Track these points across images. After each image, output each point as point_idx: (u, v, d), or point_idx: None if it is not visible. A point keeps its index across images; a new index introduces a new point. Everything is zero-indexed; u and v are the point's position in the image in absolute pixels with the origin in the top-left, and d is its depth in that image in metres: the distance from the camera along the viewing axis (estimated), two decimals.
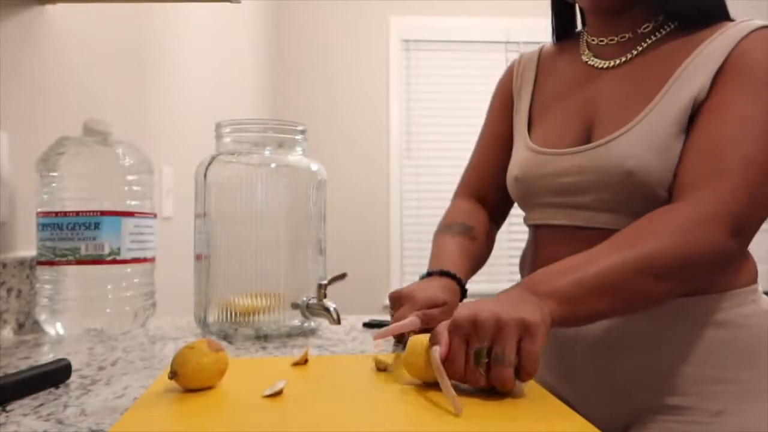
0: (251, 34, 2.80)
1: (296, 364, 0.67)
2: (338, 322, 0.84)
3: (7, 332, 0.87)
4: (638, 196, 0.76)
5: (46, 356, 0.74)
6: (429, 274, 0.85)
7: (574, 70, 0.88)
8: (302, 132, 0.91)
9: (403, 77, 3.57)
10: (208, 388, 0.57)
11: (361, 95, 3.53)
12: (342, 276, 0.87)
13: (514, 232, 3.24)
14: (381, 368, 0.64)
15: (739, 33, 0.75)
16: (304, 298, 0.86)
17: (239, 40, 2.57)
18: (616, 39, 0.84)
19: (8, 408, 0.53)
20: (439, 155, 3.53)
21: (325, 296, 0.85)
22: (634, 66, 0.82)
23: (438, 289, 0.80)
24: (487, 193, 0.99)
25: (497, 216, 1.01)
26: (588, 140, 0.82)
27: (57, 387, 0.59)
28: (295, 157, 0.89)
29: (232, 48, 2.42)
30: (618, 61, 0.83)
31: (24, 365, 0.68)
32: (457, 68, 3.57)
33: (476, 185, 1.01)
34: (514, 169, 0.90)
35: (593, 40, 0.87)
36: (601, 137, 0.79)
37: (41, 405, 0.54)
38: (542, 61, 0.96)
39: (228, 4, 1.19)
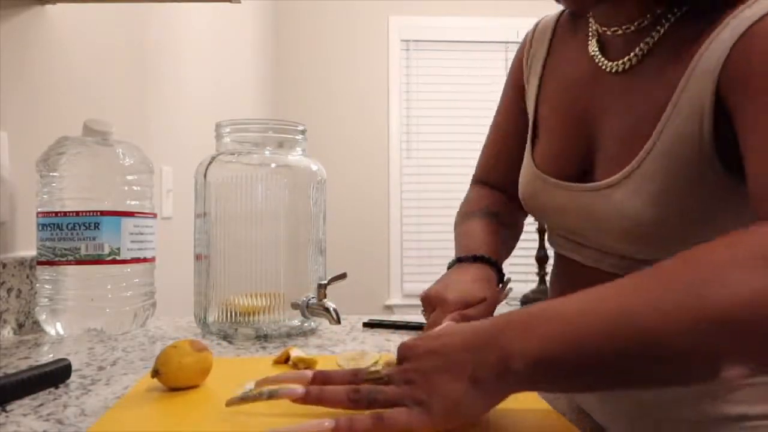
0: (251, 35, 2.80)
1: (277, 362, 0.67)
2: (338, 322, 0.84)
3: (7, 332, 0.87)
4: (642, 247, 0.66)
5: (46, 356, 0.74)
6: (459, 260, 0.78)
7: (581, 64, 0.77)
8: (302, 132, 0.91)
9: (403, 77, 3.57)
10: (192, 387, 0.57)
11: (361, 95, 3.53)
12: (342, 276, 0.87)
13: None
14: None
15: (730, 38, 0.60)
16: (304, 298, 0.86)
17: (239, 41, 2.57)
18: (620, 30, 0.70)
19: (8, 408, 0.53)
20: (438, 155, 3.53)
21: (325, 296, 0.85)
22: (639, 74, 0.69)
23: (470, 282, 0.72)
24: (506, 184, 0.90)
25: (519, 203, 0.90)
26: (589, 170, 0.73)
27: (57, 387, 0.59)
28: (295, 157, 0.89)
29: (232, 48, 2.42)
30: (623, 65, 0.70)
31: (24, 365, 0.68)
32: (457, 68, 3.57)
33: (493, 176, 0.93)
34: (521, 186, 0.82)
35: (598, 28, 0.75)
36: (601, 173, 0.70)
37: (41, 405, 0.54)
38: (557, 34, 0.83)
39: (228, 4, 1.18)
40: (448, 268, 0.80)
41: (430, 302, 0.72)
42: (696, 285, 0.42)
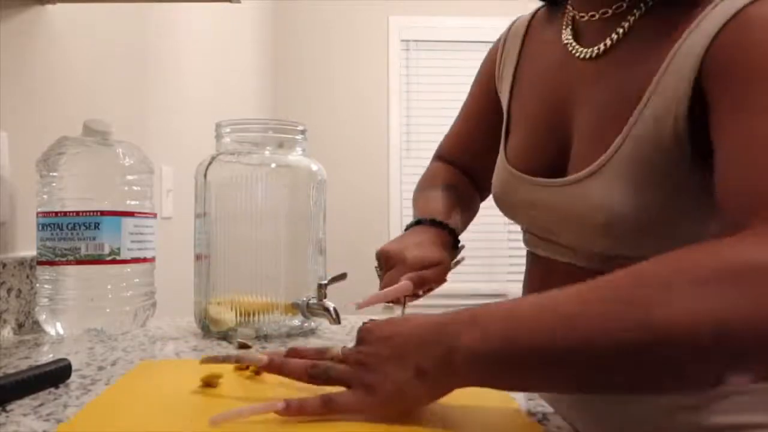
0: (251, 34, 2.80)
1: (239, 368, 0.63)
2: (338, 322, 0.84)
3: (7, 332, 0.87)
4: (615, 244, 0.65)
5: (46, 356, 0.74)
6: (418, 222, 0.80)
7: (554, 53, 0.76)
8: (302, 132, 0.90)
9: (403, 77, 3.57)
10: None
11: (361, 95, 3.53)
12: (342, 276, 0.87)
13: (513, 232, 3.23)
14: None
15: (718, 20, 0.58)
16: (304, 298, 0.85)
17: (239, 40, 2.57)
18: (597, 15, 0.70)
19: (8, 408, 0.53)
20: None
21: (325, 296, 0.85)
22: (613, 61, 0.68)
23: (428, 245, 0.74)
24: (466, 165, 0.93)
25: (479, 185, 0.92)
26: (561, 164, 0.71)
27: (57, 387, 0.59)
28: (295, 157, 0.89)
29: (232, 48, 2.42)
30: (597, 50, 0.69)
31: (24, 365, 0.68)
32: (457, 68, 3.55)
33: (457, 156, 0.95)
34: (494, 185, 0.81)
35: (575, 14, 0.74)
36: (575, 167, 0.68)
37: (41, 405, 0.54)
38: (531, 30, 0.83)
39: (228, 4, 1.19)
40: (406, 229, 0.82)
41: (389, 260, 0.73)
42: (640, 304, 0.42)
